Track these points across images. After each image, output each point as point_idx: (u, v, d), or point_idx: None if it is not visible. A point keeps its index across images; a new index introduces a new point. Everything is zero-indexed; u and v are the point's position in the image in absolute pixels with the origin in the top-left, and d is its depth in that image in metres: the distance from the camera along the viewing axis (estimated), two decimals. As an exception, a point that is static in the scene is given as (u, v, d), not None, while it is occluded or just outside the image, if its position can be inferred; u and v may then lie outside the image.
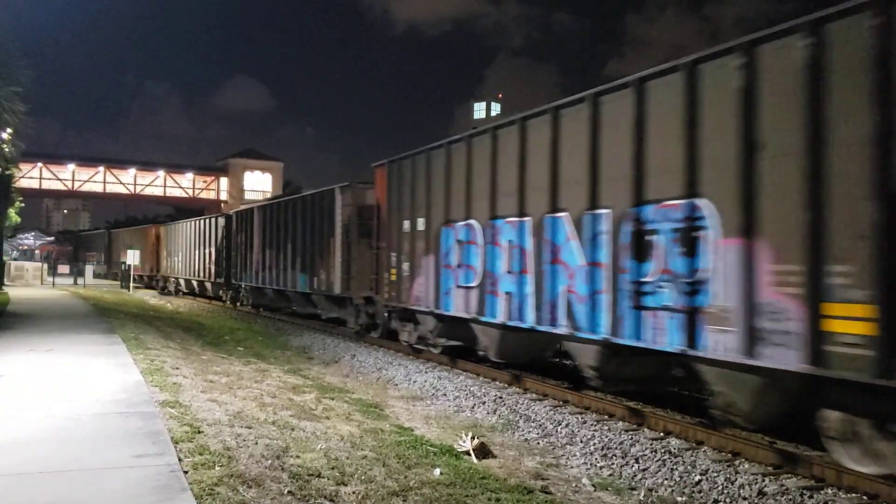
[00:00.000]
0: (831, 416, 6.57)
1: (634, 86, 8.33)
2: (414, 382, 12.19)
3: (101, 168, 63.74)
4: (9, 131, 22.87)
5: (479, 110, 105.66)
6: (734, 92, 7.02)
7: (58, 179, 62.26)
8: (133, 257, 37.56)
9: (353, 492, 5.51)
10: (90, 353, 11.91)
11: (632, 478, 7.17)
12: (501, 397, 10.63)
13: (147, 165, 66.32)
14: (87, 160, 64.58)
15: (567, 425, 8.99)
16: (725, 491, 6.66)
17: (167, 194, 67.27)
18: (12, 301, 24.45)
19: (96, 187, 64.66)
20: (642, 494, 6.71)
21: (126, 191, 65.49)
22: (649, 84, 8.17)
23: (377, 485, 5.74)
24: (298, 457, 6.32)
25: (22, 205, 37.21)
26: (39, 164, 59.98)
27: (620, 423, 9.01)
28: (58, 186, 63.42)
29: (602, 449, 8.02)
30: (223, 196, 68.08)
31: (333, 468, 6.06)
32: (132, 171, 64.74)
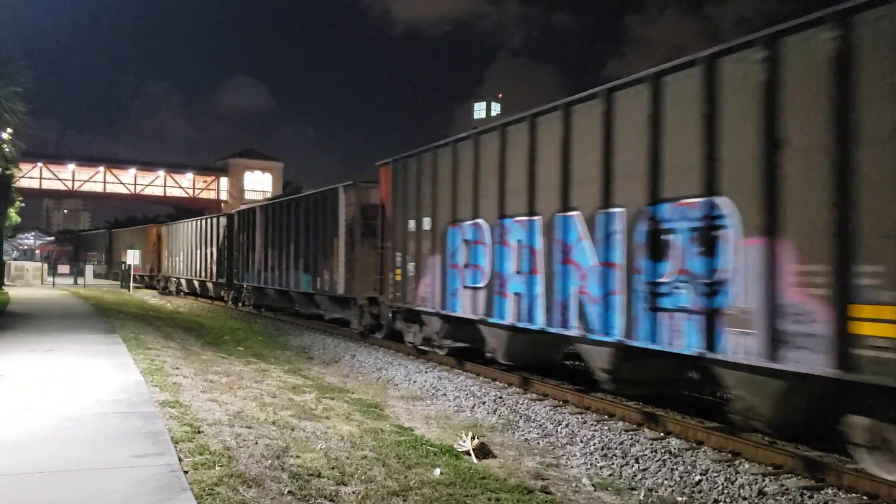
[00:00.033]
0: (858, 423, 6.37)
1: (650, 81, 8.11)
2: (414, 382, 12.19)
3: (101, 168, 63.83)
4: (9, 131, 22.89)
5: (479, 110, 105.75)
6: (756, 86, 6.79)
7: (58, 179, 62.32)
8: (133, 257, 37.54)
9: (353, 492, 5.52)
10: (90, 353, 11.92)
11: (632, 478, 7.17)
12: (501, 397, 10.63)
13: (147, 165, 66.43)
14: (87, 160, 64.65)
15: (567, 425, 8.99)
16: (725, 491, 6.65)
17: (167, 194, 67.35)
18: (12, 301, 24.46)
19: (96, 187, 64.74)
20: (642, 494, 6.71)
21: (126, 191, 65.57)
22: (665, 79, 7.96)
23: (377, 485, 5.74)
24: (298, 457, 6.33)
25: (22, 205, 37.22)
26: (39, 164, 60.05)
27: (620, 423, 9.00)
28: (58, 186, 63.50)
29: (602, 449, 8.02)
30: (223, 196, 68.16)
31: (333, 468, 6.06)
32: (132, 171, 64.82)
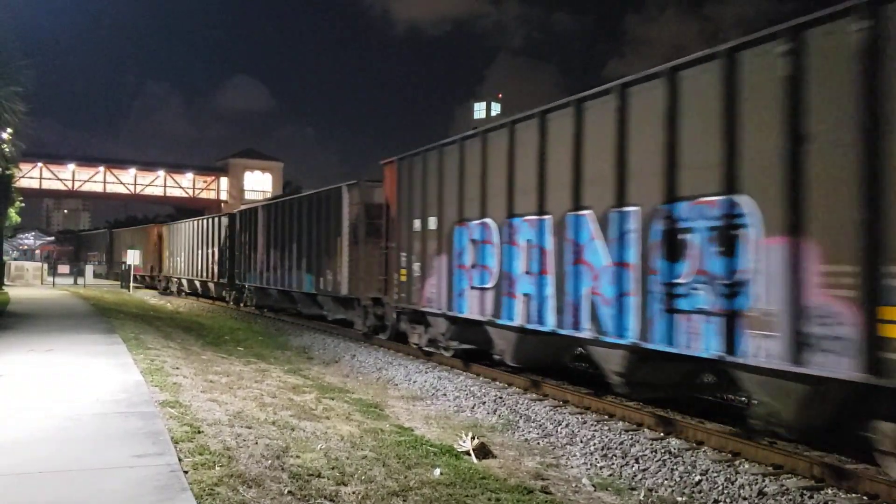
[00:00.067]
0: (887, 429, 6.17)
1: (666, 75, 7.88)
2: (414, 382, 12.19)
3: (101, 168, 63.85)
4: (9, 131, 22.91)
5: (479, 110, 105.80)
6: (779, 80, 6.57)
7: (58, 179, 62.33)
8: (133, 257, 37.54)
9: (353, 492, 5.51)
10: (90, 353, 11.91)
11: (632, 478, 7.17)
12: (501, 397, 10.63)
13: (147, 165, 66.47)
14: (87, 160, 64.70)
15: (567, 425, 8.99)
16: (725, 491, 6.65)
17: (167, 194, 67.38)
18: (12, 301, 24.47)
19: (96, 187, 64.76)
20: (642, 494, 6.71)
21: (126, 191, 65.60)
22: (682, 73, 7.73)
23: (377, 485, 5.74)
24: (298, 457, 6.33)
25: (22, 205, 37.25)
26: (39, 164, 60.07)
27: (620, 423, 9.00)
28: (58, 186, 63.52)
29: (602, 449, 8.02)
30: (223, 196, 68.19)
31: (333, 468, 6.06)
32: (132, 171, 64.85)
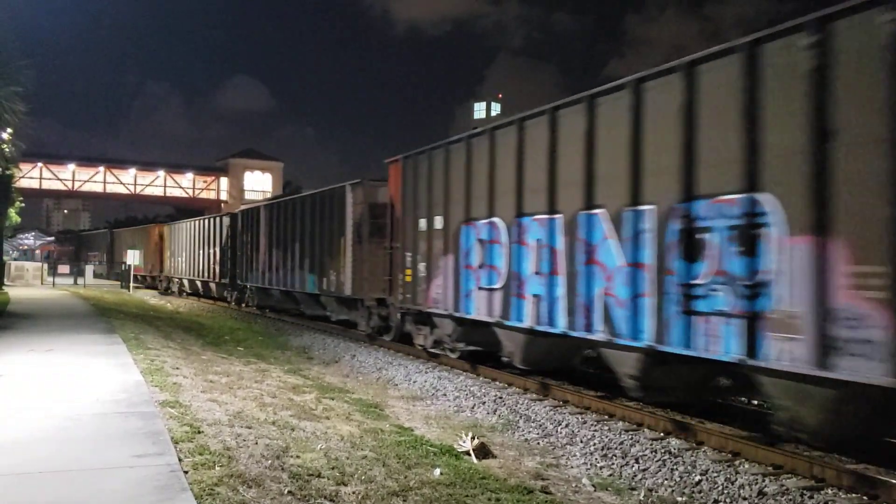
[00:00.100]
0: None
1: (683, 70, 7.72)
2: (414, 382, 12.19)
3: (101, 168, 63.84)
4: (9, 131, 22.92)
5: (480, 110, 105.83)
6: (803, 74, 6.40)
7: (58, 179, 62.33)
8: (133, 257, 37.52)
9: (353, 492, 5.52)
10: (90, 353, 11.91)
11: (632, 478, 7.17)
12: (501, 397, 10.63)
13: (147, 165, 66.45)
14: (87, 160, 64.67)
15: (567, 425, 8.99)
16: (725, 491, 6.65)
17: (167, 194, 67.38)
18: (12, 301, 24.46)
19: (96, 187, 64.76)
20: (642, 494, 6.71)
21: (126, 191, 65.59)
22: (700, 68, 7.56)
23: (377, 485, 5.74)
24: (298, 457, 6.33)
25: (22, 205, 37.28)
26: (39, 164, 60.07)
27: (620, 423, 9.00)
28: (58, 186, 63.51)
29: (602, 449, 8.02)
30: (223, 196, 68.21)
31: (333, 468, 6.06)
32: (132, 171, 64.85)
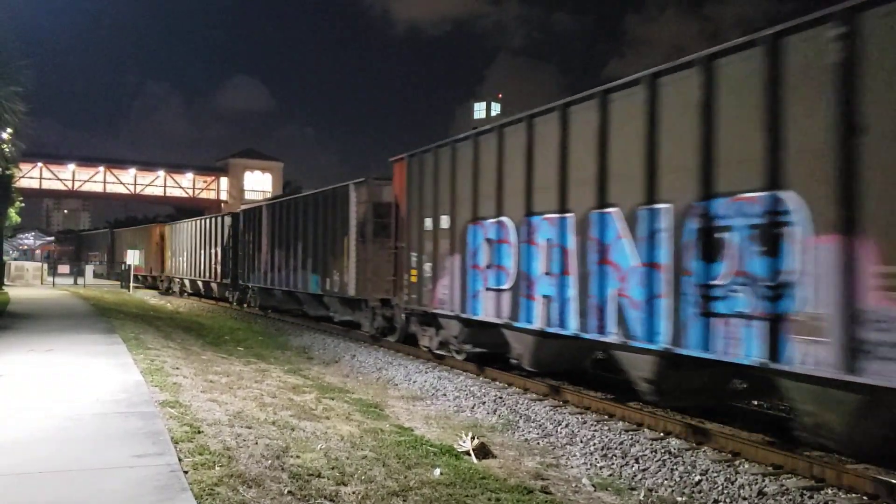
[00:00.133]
0: None
1: (701, 64, 7.50)
2: (414, 382, 12.19)
3: (101, 168, 63.90)
4: (9, 131, 22.93)
5: (480, 110, 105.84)
6: (830, 67, 6.18)
7: (58, 179, 62.37)
8: (133, 257, 37.49)
9: (353, 492, 5.52)
10: (90, 353, 11.91)
11: (632, 478, 7.17)
12: (501, 397, 10.63)
13: (147, 165, 66.51)
14: (87, 160, 64.73)
15: (567, 425, 8.99)
16: (725, 491, 6.65)
17: (167, 194, 67.43)
18: (12, 301, 24.47)
19: (96, 187, 64.80)
20: (642, 494, 6.71)
21: (126, 191, 65.63)
22: (720, 62, 7.33)
23: (377, 485, 5.74)
24: (298, 457, 6.33)
25: (22, 205, 37.32)
26: (39, 164, 60.11)
27: (620, 423, 9.00)
28: (58, 186, 63.56)
29: (602, 449, 8.02)
30: (223, 196, 68.25)
31: (333, 468, 6.07)
32: (132, 171, 64.89)
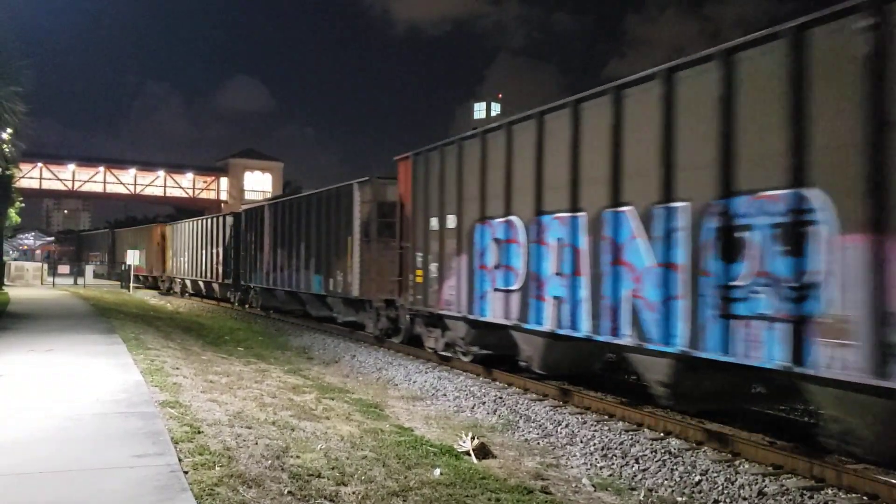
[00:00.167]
0: None
1: (720, 58, 7.28)
2: (414, 382, 12.19)
3: (101, 168, 63.95)
4: (9, 131, 22.95)
5: (480, 110, 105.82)
6: (857, 59, 5.97)
7: (58, 179, 62.41)
8: (134, 257, 37.47)
9: (353, 492, 5.52)
10: (90, 353, 11.91)
11: (632, 478, 7.17)
12: (501, 397, 10.63)
13: (147, 165, 66.56)
14: (87, 160, 64.78)
15: (567, 425, 8.99)
16: (725, 491, 6.65)
17: (167, 194, 67.47)
18: (12, 301, 24.47)
19: (96, 187, 64.85)
20: (642, 495, 6.71)
21: (126, 191, 65.67)
22: (740, 55, 7.10)
23: (377, 485, 5.74)
24: (298, 457, 6.33)
25: (22, 205, 37.35)
26: (39, 164, 60.16)
27: (620, 424, 9.00)
28: (58, 186, 63.61)
29: (602, 449, 8.02)
30: (223, 196, 68.27)
31: (333, 468, 6.07)
32: (132, 171, 64.93)
